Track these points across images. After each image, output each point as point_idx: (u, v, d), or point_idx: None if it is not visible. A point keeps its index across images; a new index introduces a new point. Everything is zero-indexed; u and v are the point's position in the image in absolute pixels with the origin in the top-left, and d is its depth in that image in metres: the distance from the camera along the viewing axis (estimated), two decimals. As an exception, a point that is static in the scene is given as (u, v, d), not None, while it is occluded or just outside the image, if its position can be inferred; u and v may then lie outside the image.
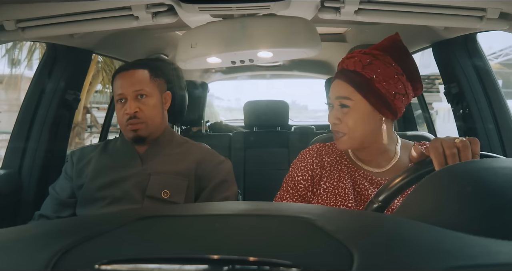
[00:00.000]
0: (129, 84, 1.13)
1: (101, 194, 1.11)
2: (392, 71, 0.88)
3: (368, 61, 0.89)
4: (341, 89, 0.91)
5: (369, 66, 0.88)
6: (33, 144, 1.48)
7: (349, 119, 0.91)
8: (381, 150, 0.95)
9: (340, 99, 0.91)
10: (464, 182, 0.41)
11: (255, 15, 1.14)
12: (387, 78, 0.88)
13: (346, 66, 0.92)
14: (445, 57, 1.48)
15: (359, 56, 0.90)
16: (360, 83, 0.89)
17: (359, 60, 0.89)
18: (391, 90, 0.88)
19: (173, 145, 1.21)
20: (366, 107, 0.90)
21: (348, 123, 0.91)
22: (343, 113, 0.91)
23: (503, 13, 0.99)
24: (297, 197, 0.99)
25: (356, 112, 0.90)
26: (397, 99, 0.89)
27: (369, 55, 0.90)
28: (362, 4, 1.00)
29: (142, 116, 1.13)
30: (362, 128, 0.91)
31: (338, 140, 0.94)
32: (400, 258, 0.28)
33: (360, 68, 0.89)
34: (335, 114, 0.92)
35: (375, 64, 0.88)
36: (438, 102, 8.39)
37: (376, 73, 0.88)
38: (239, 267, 0.27)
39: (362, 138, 0.92)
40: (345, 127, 0.91)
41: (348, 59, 0.92)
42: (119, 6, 1.02)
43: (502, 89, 1.44)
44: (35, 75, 1.52)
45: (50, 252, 0.30)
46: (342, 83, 0.91)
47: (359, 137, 0.91)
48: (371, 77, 0.88)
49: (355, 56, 0.91)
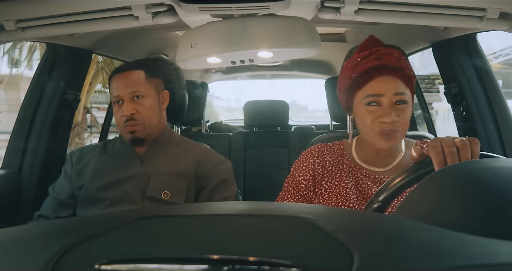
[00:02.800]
0: (125, 85, 1.13)
1: (101, 195, 1.11)
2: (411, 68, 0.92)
3: (403, 58, 0.90)
4: (398, 84, 0.88)
5: (406, 62, 0.90)
6: (33, 143, 1.48)
7: (404, 116, 0.88)
8: (391, 149, 0.95)
9: (399, 95, 0.88)
10: (464, 182, 0.41)
11: (255, 15, 1.14)
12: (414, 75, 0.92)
13: (388, 62, 0.88)
14: (445, 57, 1.48)
15: (396, 52, 0.90)
16: (409, 79, 0.89)
17: (399, 56, 0.89)
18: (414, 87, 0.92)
19: (172, 145, 1.21)
20: (411, 103, 0.91)
21: (403, 120, 0.88)
22: (400, 110, 0.88)
23: (503, 13, 0.99)
24: (299, 197, 0.99)
25: (409, 109, 0.89)
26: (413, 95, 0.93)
27: (398, 53, 0.90)
28: (362, 4, 1.00)
29: (139, 117, 1.13)
30: (408, 125, 0.90)
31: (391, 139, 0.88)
32: (400, 258, 0.28)
33: (404, 64, 0.89)
34: (394, 111, 0.87)
35: (407, 61, 0.91)
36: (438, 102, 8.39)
37: (411, 71, 0.90)
38: (239, 267, 0.27)
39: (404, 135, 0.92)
40: (400, 124, 0.88)
41: (388, 56, 0.89)
42: (119, 6, 1.02)
43: (502, 89, 1.44)
44: (35, 75, 1.52)
45: (50, 252, 0.30)
46: (396, 79, 0.88)
47: (405, 133, 0.91)
48: (410, 73, 0.90)
49: (393, 53, 0.89)
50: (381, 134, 0.88)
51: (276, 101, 2.60)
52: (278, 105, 2.58)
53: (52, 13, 1.04)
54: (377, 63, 0.88)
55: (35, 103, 1.49)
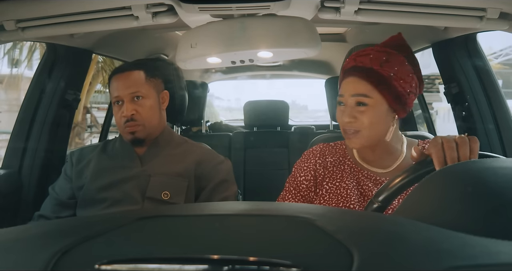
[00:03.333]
0: (125, 86, 1.13)
1: (101, 196, 1.11)
2: (407, 69, 0.88)
3: (384, 58, 0.87)
4: (358, 86, 0.88)
5: (386, 63, 0.87)
6: (33, 143, 1.48)
7: (366, 118, 0.88)
8: (388, 150, 0.94)
9: (357, 97, 0.88)
10: (464, 182, 0.41)
11: (255, 15, 1.14)
12: (404, 76, 0.87)
13: (361, 63, 0.88)
14: (445, 57, 1.48)
15: (374, 53, 0.88)
16: (379, 81, 0.87)
17: (375, 57, 0.87)
18: (406, 88, 0.88)
19: (172, 145, 1.21)
20: (383, 105, 0.88)
21: (364, 122, 0.88)
22: (359, 112, 0.88)
23: (503, 13, 0.99)
24: (299, 198, 0.98)
25: (373, 111, 0.88)
26: (410, 97, 0.89)
27: (383, 53, 0.88)
28: (362, 4, 1.00)
29: (139, 118, 1.13)
30: (377, 127, 0.89)
31: (350, 138, 0.90)
32: (400, 258, 0.28)
33: (378, 66, 0.87)
34: (351, 112, 0.89)
35: (392, 62, 0.87)
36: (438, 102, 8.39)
37: (393, 71, 0.87)
38: (239, 267, 0.27)
39: (375, 136, 0.90)
40: (360, 125, 0.88)
41: (363, 56, 0.89)
42: (119, 6, 1.02)
43: (502, 89, 1.44)
44: (35, 75, 1.52)
45: (50, 252, 0.30)
46: (359, 80, 0.88)
47: (373, 135, 0.89)
48: (389, 75, 0.86)
49: (370, 54, 0.88)
50: (345, 133, 0.92)
51: (276, 101, 2.60)
52: (278, 105, 2.58)
53: (52, 13, 1.03)
54: (351, 64, 0.91)
55: (35, 103, 1.49)
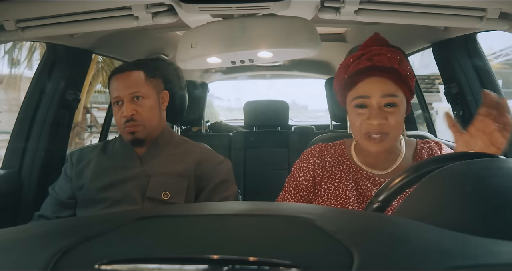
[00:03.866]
0: (124, 86, 1.13)
1: (101, 196, 1.11)
2: (411, 68, 0.89)
3: (398, 58, 0.87)
4: (386, 86, 0.85)
5: (402, 62, 0.87)
6: (33, 144, 1.48)
7: (394, 119, 0.85)
8: (390, 150, 0.94)
9: (387, 97, 0.85)
10: (465, 182, 0.41)
11: (255, 15, 1.14)
12: (413, 75, 0.88)
13: (379, 63, 0.86)
14: (445, 57, 1.49)
15: (390, 53, 0.87)
16: (401, 80, 0.86)
17: (392, 57, 0.86)
18: (413, 87, 0.89)
19: (172, 145, 1.21)
20: (404, 105, 0.88)
21: (392, 124, 0.85)
22: (388, 113, 0.85)
23: (503, 13, 0.99)
24: (299, 198, 0.98)
25: (400, 111, 0.86)
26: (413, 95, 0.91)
27: (394, 52, 0.87)
28: (362, 4, 1.00)
29: (139, 118, 1.13)
30: (400, 127, 0.88)
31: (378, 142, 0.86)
32: (400, 258, 0.28)
33: (397, 65, 0.86)
34: (380, 114, 0.85)
35: (404, 61, 0.87)
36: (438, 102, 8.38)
37: (408, 70, 0.87)
38: (239, 267, 0.27)
39: (397, 137, 0.89)
40: (389, 127, 0.85)
41: (380, 56, 0.87)
42: (119, 6, 1.02)
43: (502, 89, 1.44)
44: (35, 75, 1.52)
45: (50, 252, 0.30)
46: (385, 80, 0.85)
47: (397, 137, 0.88)
48: (405, 73, 0.86)
49: (386, 53, 0.87)
50: (369, 137, 0.87)
51: (276, 101, 2.60)
52: (278, 105, 2.58)
53: (52, 13, 1.03)
54: (368, 64, 0.87)
55: (35, 103, 1.49)
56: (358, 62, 0.88)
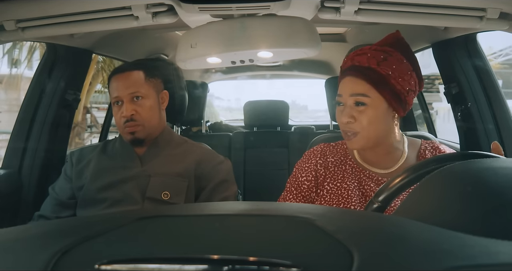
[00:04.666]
0: (124, 86, 1.13)
1: (101, 196, 1.11)
2: (405, 67, 0.88)
3: (382, 57, 0.87)
4: (356, 86, 0.88)
5: (384, 62, 0.87)
6: (33, 144, 1.48)
7: (365, 118, 0.87)
8: (389, 150, 0.94)
9: (355, 96, 0.88)
10: (464, 182, 0.41)
11: (255, 15, 1.14)
12: (402, 74, 0.87)
13: (358, 63, 0.88)
14: (445, 57, 1.48)
15: (371, 52, 0.88)
16: (377, 80, 0.86)
17: (373, 56, 0.87)
18: (405, 86, 0.87)
19: (172, 145, 1.21)
20: (382, 104, 0.88)
21: (363, 122, 0.87)
22: (358, 112, 0.88)
23: (503, 13, 0.99)
24: (300, 198, 0.98)
25: (372, 110, 0.87)
26: (409, 96, 0.89)
27: (381, 52, 0.88)
28: (362, 4, 1.00)
29: (139, 118, 1.13)
30: (376, 126, 0.88)
31: (350, 139, 0.90)
32: (400, 258, 0.28)
33: (375, 65, 0.86)
34: (349, 112, 0.88)
35: (390, 61, 0.87)
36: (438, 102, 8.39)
37: (391, 70, 0.86)
38: (239, 267, 0.27)
39: (376, 136, 0.89)
40: (359, 126, 0.88)
41: (360, 56, 0.89)
42: (119, 6, 1.02)
43: (502, 89, 1.44)
44: (35, 75, 1.52)
45: (50, 252, 0.30)
46: (357, 80, 0.88)
47: (373, 135, 0.89)
48: (387, 73, 0.86)
49: (367, 53, 0.88)
50: (344, 135, 0.92)
51: (276, 101, 2.60)
52: (278, 105, 2.58)
53: (52, 13, 1.03)
54: (349, 64, 0.91)
55: (35, 103, 1.49)
56: (345, 62, 0.93)
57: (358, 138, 0.89)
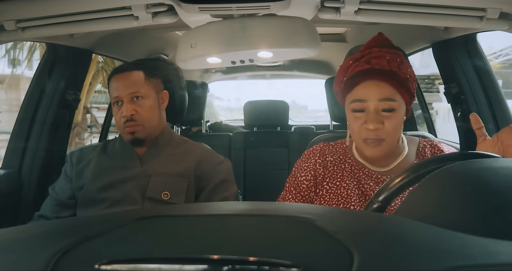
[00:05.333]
0: (124, 86, 1.13)
1: (101, 196, 1.11)
2: (412, 70, 0.88)
3: (399, 60, 0.85)
4: (384, 90, 0.84)
5: (402, 65, 0.85)
6: (33, 144, 1.48)
7: (391, 124, 0.85)
8: (390, 149, 0.93)
9: (385, 101, 0.84)
10: (465, 182, 0.41)
11: (255, 15, 1.14)
12: (414, 77, 0.87)
13: (378, 66, 0.85)
14: (445, 57, 1.48)
15: (389, 55, 0.86)
16: (400, 83, 0.84)
17: (392, 59, 0.85)
18: (415, 89, 0.88)
19: (172, 145, 1.21)
20: (403, 109, 0.87)
21: (389, 128, 0.84)
22: (386, 118, 0.85)
23: (503, 13, 0.99)
24: (300, 198, 0.98)
25: (398, 115, 0.85)
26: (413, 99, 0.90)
27: (395, 54, 0.86)
28: (362, 4, 1.00)
29: (138, 118, 1.13)
30: (398, 132, 0.87)
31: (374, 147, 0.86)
32: (400, 258, 0.28)
33: (397, 68, 0.85)
34: (378, 118, 0.84)
35: (405, 64, 0.86)
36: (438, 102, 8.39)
37: (408, 73, 0.86)
38: (239, 267, 0.27)
39: (396, 142, 0.87)
40: (385, 132, 0.85)
41: (377, 59, 0.85)
42: (119, 6, 1.02)
43: (502, 89, 1.44)
44: (35, 75, 1.52)
45: (50, 252, 0.30)
46: (383, 84, 0.84)
47: (395, 141, 0.87)
48: (406, 77, 0.85)
49: (385, 56, 0.86)
50: (366, 142, 0.87)
51: (276, 101, 2.60)
52: (278, 105, 2.58)
53: (52, 13, 1.04)
54: (366, 67, 0.86)
55: (35, 103, 1.49)
56: (357, 64, 0.87)
57: (383, 146, 0.86)
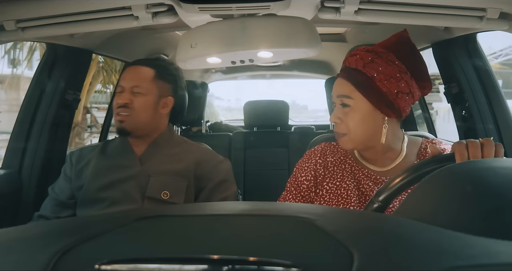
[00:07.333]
0: (130, 78, 1.15)
1: (100, 196, 1.11)
2: (394, 69, 0.87)
3: (369, 59, 0.87)
4: (342, 87, 0.90)
5: (370, 64, 0.87)
6: (33, 144, 1.48)
7: (350, 119, 0.89)
8: (385, 149, 0.94)
9: (341, 98, 0.90)
10: (464, 182, 0.41)
11: (255, 15, 1.14)
12: (388, 76, 0.86)
13: (348, 64, 0.91)
14: (445, 57, 1.48)
15: (361, 54, 0.89)
16: (361, 82, 0.87)
17: (361, 58, 0.88)
18: (393, 89, 0.86)
19: (171, 145, 1.21)
20: (366, 106, 0.88)
21: (349, 123, 0.89)
22: (344, 113, 0.90)
23: (503, 13, 0.99)
24: (300, 198, 0.98)
25: (356, 112, 0.89)
26: (400, 98, 0.87)
27: (371, 53, 0.88)
28: (362, 4, 1.00)
29: (131, 107, 1.13)
30: (362, 128, 0.89)
31: (339, 140, 0.93)
32: (400, 258, 0.28)
33: (361, 66, 0.88)
34: (336, 113, 0.91)
35: (377, 62, 0.87)
36: (438, 102, 8.38)
37: (377, 72, 0.86)
38: (239, 267, 0.27)
39: (363, 138, 0.90)
40: (346, 127, 0.90)
41: (351, 57, 0.91)
42: (119, 6, 1.02)
43: (502, 89, 1.44)
44: (35, 75, 1.52)
45: (50, 252, 0.30)
46: (343, 81, 0.90)
47: (361, 137, 0.90)
48: (372, 75, 0.86)
49: (358, 54, 0.90)
50: (335, 135, 0.95)
51: (276, 101, 2.60)
52: (278, 105, 2.58)
53: (52, 13, 1.03)
54: (343, 65, 0.93)
55: (35, 103, 1.49)
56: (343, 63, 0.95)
57: (345, 139, 0.92)
